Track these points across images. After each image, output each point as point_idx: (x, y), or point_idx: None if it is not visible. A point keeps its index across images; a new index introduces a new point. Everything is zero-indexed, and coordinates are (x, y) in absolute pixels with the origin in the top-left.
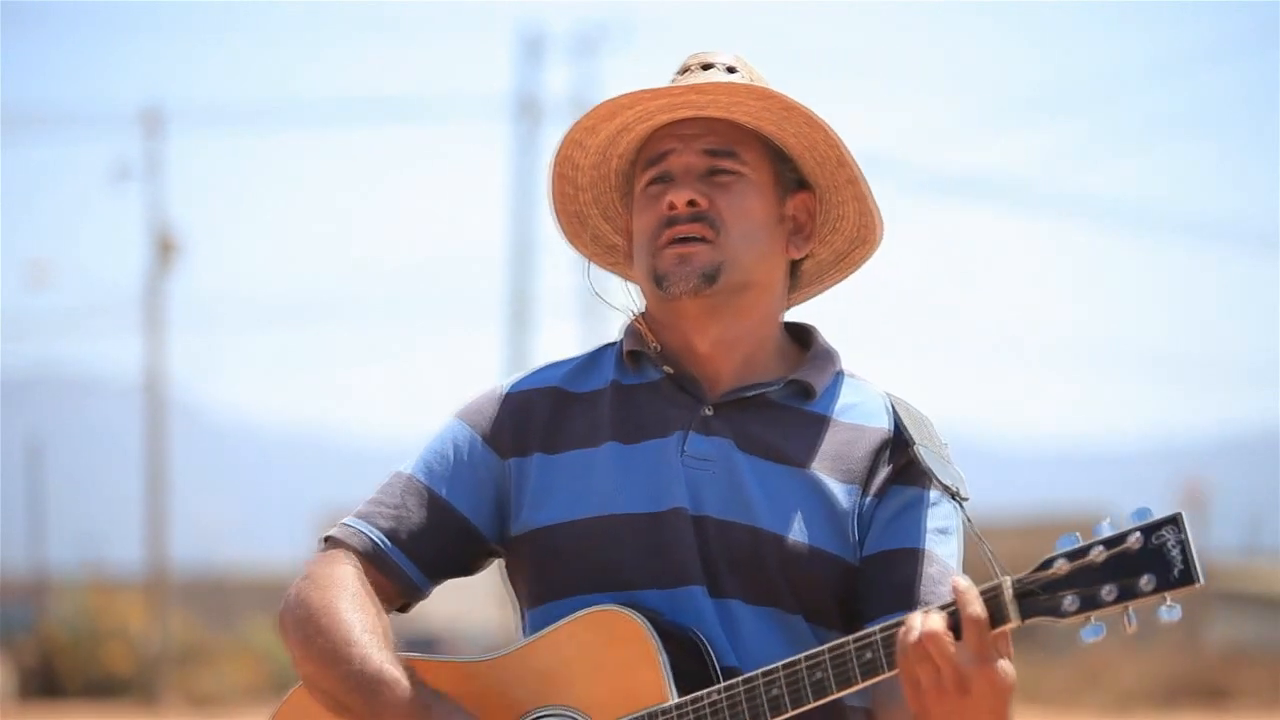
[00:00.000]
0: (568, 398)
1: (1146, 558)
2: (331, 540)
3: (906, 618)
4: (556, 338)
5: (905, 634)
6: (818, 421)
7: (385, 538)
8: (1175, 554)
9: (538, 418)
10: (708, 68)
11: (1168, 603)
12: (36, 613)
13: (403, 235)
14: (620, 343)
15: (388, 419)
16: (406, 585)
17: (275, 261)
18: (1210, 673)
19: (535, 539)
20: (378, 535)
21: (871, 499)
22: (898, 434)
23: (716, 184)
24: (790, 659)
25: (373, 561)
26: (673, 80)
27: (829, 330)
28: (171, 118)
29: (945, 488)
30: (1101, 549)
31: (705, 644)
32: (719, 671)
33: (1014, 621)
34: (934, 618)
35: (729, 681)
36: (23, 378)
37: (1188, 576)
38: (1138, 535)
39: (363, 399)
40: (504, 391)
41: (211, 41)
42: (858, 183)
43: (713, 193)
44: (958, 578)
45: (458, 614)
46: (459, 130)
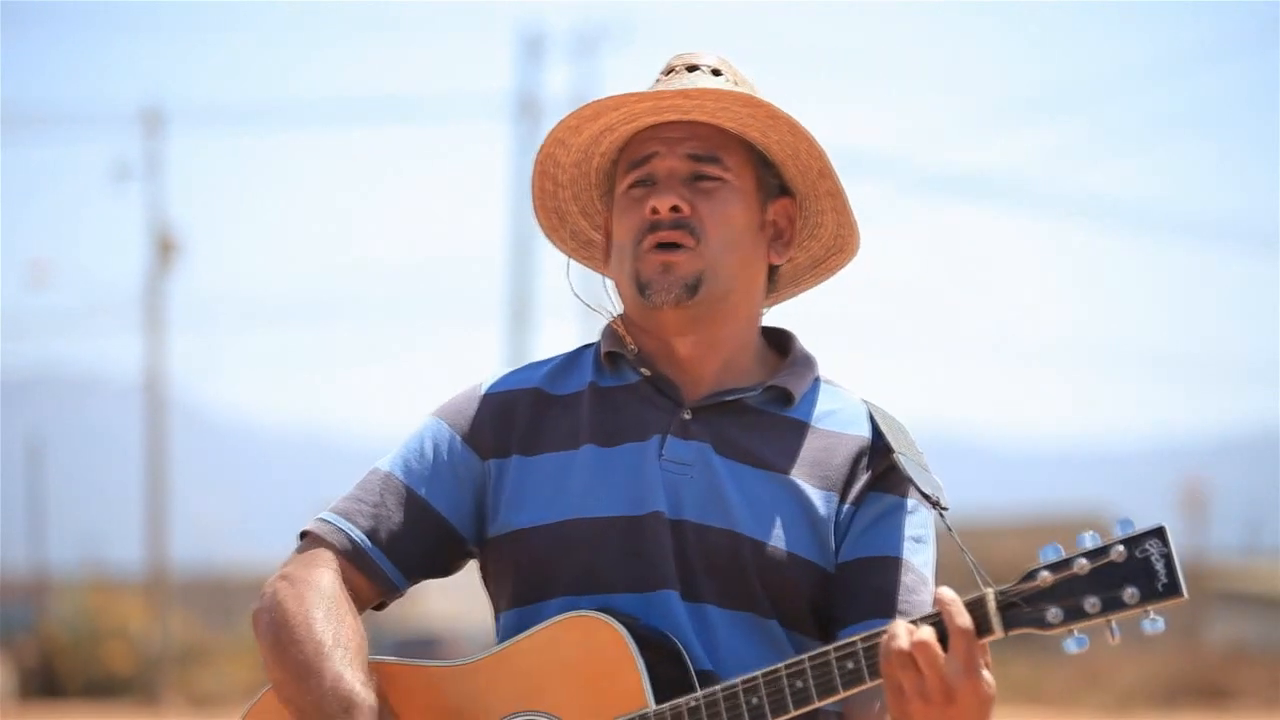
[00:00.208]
0: (548, 399)
1: (1131, 570)
2: (310, 537)
3: (889, 626)
4: (556, 338)
5: (889, 641)
6: (797, 427)
7: (365, 537)
8: (1159, 566)
9: (518, 419)
10: (693, 69)
11: (1150, 615)
12: (37, 613)
13: (402, 235)
14: (599, 344)
15: (388, 419)
16: (385, 585)
17: (275, 261)
18: (1210, 673)
19: (513, 541)
20: (358, 534)
21: (850, 506)
22: (877, 441)
23: (699, 190)
24: (771, 667)
25: (352, 561)
26: (657, 80)
27: (828, 331)
28: (171, 117)
29: (925, 496)
30: (1085, 561)
31: (683, 650)
32: (697, 678)
33: (998, 633)
34: (925, 629)
35: (709, 689)
36: (23, 378)
37: (1171, 589)
38: (1121, 548)
39: (363, 399)
40: (484, 391)
41: (211, 41)
42: (838, 195)
43: (695, 199)
44: (943, 589)
45: (457, 613)
46: (459, 130)
